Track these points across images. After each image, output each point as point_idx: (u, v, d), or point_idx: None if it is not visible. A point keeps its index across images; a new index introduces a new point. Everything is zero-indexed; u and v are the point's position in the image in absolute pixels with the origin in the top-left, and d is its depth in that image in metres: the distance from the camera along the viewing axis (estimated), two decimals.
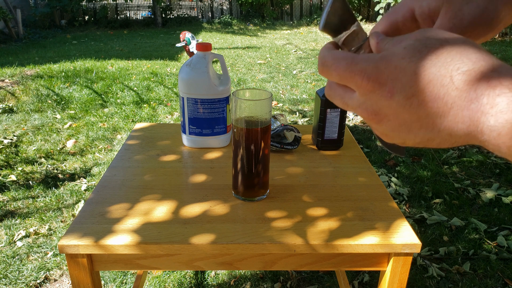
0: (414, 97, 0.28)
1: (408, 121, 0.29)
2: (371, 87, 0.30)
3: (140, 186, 0.90)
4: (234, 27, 9.94)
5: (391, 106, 0.29)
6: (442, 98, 0.27)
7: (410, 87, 0.28)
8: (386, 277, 0.78)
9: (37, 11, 8.95)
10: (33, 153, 2.69)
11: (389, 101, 0.29)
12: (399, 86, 0.29)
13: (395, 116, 0.30)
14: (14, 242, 1.81)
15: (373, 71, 0.30)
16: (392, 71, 0.29)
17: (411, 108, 0.29)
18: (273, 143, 1.07)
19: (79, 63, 5.01)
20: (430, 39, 0.29)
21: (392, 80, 0.29)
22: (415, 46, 0.29)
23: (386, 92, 0.29)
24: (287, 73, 5.02)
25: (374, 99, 0.30)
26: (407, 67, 0.28)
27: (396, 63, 0.29)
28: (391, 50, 0.30)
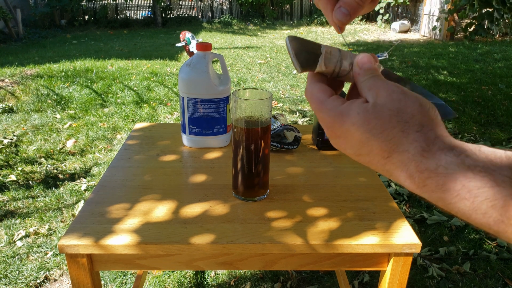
0: (361, 156, 0.34)
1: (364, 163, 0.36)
2: (329, 134, 0.36)
3: (140, 186, 0.90)
4: (234, 27, 9.94)
5: (346, 152, 0.36)
6: (383, 165, 0.33)
7: (357, 149, 0.34)
8: (386, 277, 0.78)
9: (37, 11, 8.95)
10: (33, 153, 2.69)
11: (344, 151, 0.36)
12: (349, 145, 0.35)
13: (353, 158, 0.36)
14: (14, 242, 1.80)
15: (330, 124, 0.35)
16: (344, 132, 0.34)
17: (361, 161, 0.35)
18: (273, 143, 1.07)
19: (79, 63, 5.01)
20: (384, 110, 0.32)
21: (344, 138, 0.35)
22: (367, 114, 0.33)
23: (340, 143, 0.35)
24: (287, 73, 5.02)
25: (334, 142, 0.37)
26: (355, 134, 0.33)
27: (347, 127, 0.34)
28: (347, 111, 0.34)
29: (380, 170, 0.34)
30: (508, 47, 6.88)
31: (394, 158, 0.31)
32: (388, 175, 0.33)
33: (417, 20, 9.54)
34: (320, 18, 10.38)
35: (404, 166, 0.31)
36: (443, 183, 0.28)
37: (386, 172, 0.33)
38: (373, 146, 0.32)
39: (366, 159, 0.34)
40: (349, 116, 0.33)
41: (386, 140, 0.31)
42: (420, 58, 6.02)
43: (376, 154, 0.32)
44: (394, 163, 0.31)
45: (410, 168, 0.30)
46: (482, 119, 3.39)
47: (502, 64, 5.47)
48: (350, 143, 0.34)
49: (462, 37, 7.63)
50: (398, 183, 0.34)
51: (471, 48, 6.86)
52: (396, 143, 0.31)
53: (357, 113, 0.33)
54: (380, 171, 0.34)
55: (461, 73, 4.98)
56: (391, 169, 0.32)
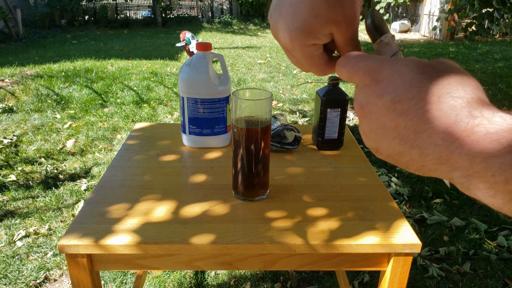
0: (399, 103, 0.29)
1: (386, 126, 0.30)
2: (368, 81, 0.32)
3: (140, 186, 0.90)
4: (234, 27, 9.94)
5: (377, 105, 0.31)
6: (424, 113, 0.28)
7: (400, 92, 0.29)
8: (386, 277, 0.77)
9: (37, 10, 8.95)
10: (33, 153, 2.69)
11: (378, 99, 0.31)
12: (391, 88, 0.30)
13: (377, 116, 0.31)
14: (14, 242, 1.80)
15: (375, 68, 0.31)
16: (392, 73, 0.30)
17: (393, 113, 0.30)
18: (273, 143, 1.07)
19: (79, 63, 5.01)
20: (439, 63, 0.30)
21: (388, 80, 0.30)
22: (421, 61, 0.30)
23: (378, 90, 0.31)
24: (287, 73, 5.02)
25: (366, 93, 0.32)
26: (406, 73, 0.29)
27: (398, 67, 0.30)
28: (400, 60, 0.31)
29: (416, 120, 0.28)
30: (508, 47, 6.88)
31: (444, 102, 0.27)
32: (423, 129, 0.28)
33: (417, 20, 9.53)
34: None
35: (453, 111, 0.27)
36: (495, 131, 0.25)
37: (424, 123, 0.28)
38: (423, 88, 0.28)
39: (405, 107, 0.29)
40: (402, 60, 0.31)
41: (439, 84, 0.28)
42: (420, 58, 6.00)
43: (423, 98, 0.28)
44: (441, 109, 0.27)
45: (460, 114, 0.26)
46: None
47: (502, 64, 5.47)
48: (394, 86, 0.30)
49: (462, 37, 7.63)
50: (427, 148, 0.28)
51: (471, 48, 6.86)
52: (451, 88, 0.28)
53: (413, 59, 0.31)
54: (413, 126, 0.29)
55: None
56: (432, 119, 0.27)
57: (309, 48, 0.37)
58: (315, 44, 0.37)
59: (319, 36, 0.36)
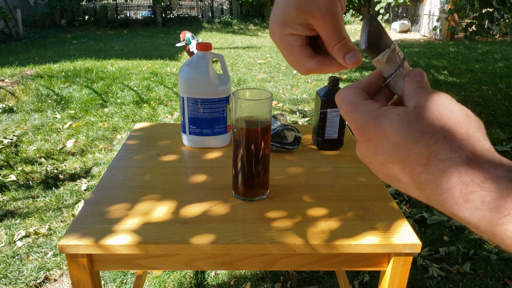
0: (393, 163, 0.30)
1: (389, 178, 0.32)
2: (359, 137, 0.33)
3: (140, 186, 0.90)
4: (234, 27, 9.94)
5: (374, 162, 0.32)
6: (418, 175, 0.29)
7: (390, 154, 0.30)
8: (386, 277, 0.77)
9: (37, 10, 8.95)
10: (33, 153, 2.69)
11: (373, 157, 0.32)
12: (381, 149, 0.31)
13: (378, 169, 0.33)
14: (14, 242, 1.80)
15: (363, 127, 0.32)
16: (378, 134, 0.31)
17: (390, 171, 0.31)
18: (273, 143, 1.07)
19: (79, 63, 5.01)
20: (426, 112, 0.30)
21: (376, 141, 0.31)
22: (407, 116, 0.30)
23: (370, 148, 0.32)
24: (287, 73, 5.02)
25: (362, 148, 0.34)
26: (392, 135, 0.30)
27: (383, 128, 0.31)
28: (384, 113, 0.31)
29: (413, 181, 0.29)
30: (508, 47, 6.88)
31: (433, 166, 0.27)
32: (422, 189, 0.29)
33: (417, 20, 9.53)
34: None
35: (444, 176, 0.27)
36: (490, 199, 0.25)
37: (420, 184, 0.29)
38: (410, 151, 0.28)
39: (399, 167, 0.30)
40: (387, 117, 0.30)
41: (426, 145, 0.28)
42: (421, 58, 6.02)
43: (412, 160, 0.28)
44: (432, 172, 0.27)
45: (451, 179, 0.26)
46: (482, 119, 3.39)
47: (502, 64, 5.47)
48: (383, 147, 0.30)
49: (462, 37, 7.63)
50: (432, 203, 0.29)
51: (471, 48, 6.86)
52: (437, 149, 0.27)
53: (397, 114, 0.30)
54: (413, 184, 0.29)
55: (461, 73, 4.98)
56: (427, 180, 0.28)
57: (287, 38, 0.38)
58: (293, 34, 0.38)
59: (294, 25, 0.37)
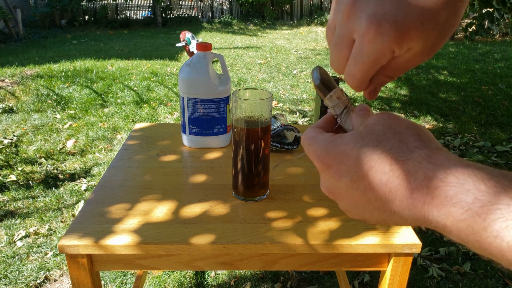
0: (359, 181, 0.30)
1: (360, 202, 0.31)
2: (320, 167, 0.33)
3: (140, 186, 0.90)
4: (234, 27, 9.94)
5: (341, 187, 0.31)
6: (385, 184, 0.28)
7: (354, 172, 0.30)
8: (386, 277, 0.77)
9: (37, 11, 8.95)
10: (33, 153, 2.69)
11: (338, 182, 0.31)
12: (344, 170, 0.30)
13: (347, 196, 0.31)
14: (14, 242, 1.80)
15: (322, 153, 0.32)
16: (338, 155, 0.31)
17: (358, 191, 0.30)
18: (273, 143, 1.07)
19: (79, 63, 5.01)
20: (376, 126, 0.30)
21: (338, 163, 0.31)
22: (361, 132, 0.31)
23: (333, 173, 0.31)
24: (287, 73, 5.02)
25: (325, 178, 0.33)
26: (351, 152, 0.30)
27: (341, 148, 0.31)
28: (339, 137, 0.32)
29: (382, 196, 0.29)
30: (508, 47, 6.88)
31: (397, 169, 0.27)
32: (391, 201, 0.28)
33: None
34: (320, 18, 10.38)
35: (410, 176, 0.27)
36: (453, 194, 0.25)
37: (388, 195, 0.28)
38: (371, 162, 0.29)
39: (366, 183, 0.29)
40: (341, 140, 0.31)
41: (384, 151, 0.28)
42: None
43: (376, 171, 0.28)
44: (399, 176, 0.27)
45: (417, 178, 0.26)
46: (482, 119, 3.39)
47: (502, 64, 5.47)
48: (345, 167, 0.30)
49: (462, 37, 7.63)
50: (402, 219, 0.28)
51: (471, 48, 6.86)
52: (396, 153, 0.28)
53: (350, 134, 0.31)
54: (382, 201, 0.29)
55: (461, 73, 4.98)
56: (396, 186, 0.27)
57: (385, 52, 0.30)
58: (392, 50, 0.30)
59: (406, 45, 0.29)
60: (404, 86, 4.42)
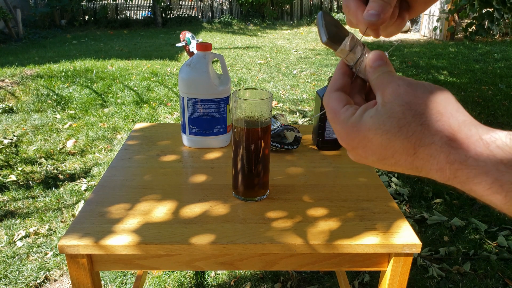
0: (386, 159, 0.33)
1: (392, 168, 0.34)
2: (345, 146, 0.35)
3: (140, 186, 0.90)
4: (234, 27, 9.93)
5: (370, 161, 0.34)
6: (411, 163, 0.31)
7: (379, 154, 0.32)
8: (386, 277, 0.77)
9: (37, 11, 8.95)
10: (33, 153, 2.69)
11: (366, 159, 0.34)
12: (370, 152, 0.33)
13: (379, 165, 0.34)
14: (14, 242, 1.80)
15: (346, 136, 0.34)
16: (361, 140, 0.33)
17: (388, 165, 0.33)
18: (273, 143, 1.07)
19: (79, 63, 5.01)
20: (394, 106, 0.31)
21: (363, 147, 0.33)
22: (379, 116, 0.32)
23: (360, 153, 0.34)
24: (287, 73, 5.02)
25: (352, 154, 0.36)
26: (373, 139, 0.32)
27: (364, 134, 0.33)
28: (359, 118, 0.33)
29: (409, 169, 0.32)
30: (508, 47, 6.88)
31: (421, 152, 0.30)
32: (418, 172, 0.32)
33: (417, 20, 9.53)
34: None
35: (433, 159, 0.29)
36: (474, 175, 0.27)
37: (416, 169, 0.31)
38: (395, 146, 0.31)
39: (392, 161, 0.32)
40: (362, 123, 0.32)
41: (407, 137, 0.30)
42: (421, 58, 6.02)
43: (401, 153, 0.31)
44: (423, 158, 0.30)
45: (440, 161, 0.29)
46: (482, 119, 3.39)
47: (502, 64, 5.47)
48: (371, 150, 0.33)
49: (462, 37, 7.63)
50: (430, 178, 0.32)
51: (471, 48, 6.86)
52: (419, 137, 0.30)
53: (370, 117, 0.32)
54: (410, 171, 0.32)
55: (461, 73, 4.98)
56: (421, 165, 0.31)
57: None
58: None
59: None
60: None
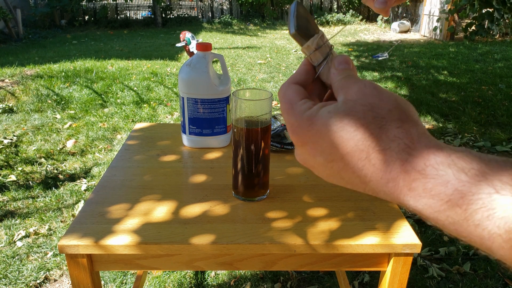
0: (334, 162, 0.29)
1: (334, 177, 0.31)
2: (295, 141, 0.32)
3: (140, 186, 0.90)
4: (234, 27, 9.94)
5: (316, 163, 0.31)
6: (361, 169, 0.28)
7: (329, 154, 0.29)
8: (386, 277, 0.77)
9: (37, 11, 8.95)
10: (33, 153, 2.69)
11: (313, 159, 0.31)
12: (319, 150, 0.30)
13: (322, 170, 0.31)
14: (14, 242, 1.80)
15: (298, 130, 0.31)
16: (314, 134, 0.30)
17: (333, 170, 0.30)
18: (273, 143, 1.07)
19: (79, 63, 5.01)
20: (356, 105, 0.29)
21: (313, 142, 0.30)
22: (338, 112, 0.29)
23: (308, 150, 0.31)
24: (288, 73, 5.02)
25: (300, 151, 0.33)
26: (326, 135, 0.29)
27: (317, 128, 0.30)
28: (316, 113, 0.30)
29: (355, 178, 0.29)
30: (509, 47, 6.88)
31: (374, 158, 0.27)
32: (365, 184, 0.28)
33: (417, 20, 9.53)
34: (320, 18, 10.37)
35: (387, 167, 0.26)
36: (432, 186, 0.24)
37: (363, 179, 0.28)
38: (347, 147, 0.28)
39: (340, 165, 0.29)
40: (318, 117, 0.30)
41: (362, 139, 0.27)
42: (420, 58, 6.02)
43: (352, 156, 0.28)
44: (374, 164, 0.27)
45: (394, 169, 0.26)
46: (482, 119, 3.39)
47: (502, 64, 5.47)
48: (320, 148, 0.30)
49: (462, 37, 7.63)
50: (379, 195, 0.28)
51: (471, 48, 6.86)
52: (374, 141, 0.27)
53: (328, 112, 0.29)
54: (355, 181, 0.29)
55: (461, 73, 4.98)
56: (371, 173, 0.27)
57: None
58: None
59: None
60: (404, 86, 4.42)
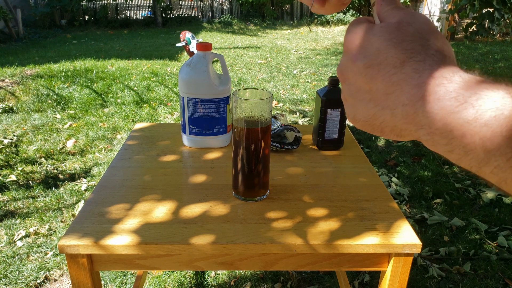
0: (370, 68, 0.32)
1: (362, 89, 0.33)
2: (345, 48, 0.35)
3: (140, 186, 0.90)
4: (234, 27, 9.94)
5: (353, 70, 0.34)
6: (391, 76, 0.31)
7: (370, 59, 0.32)
8: (386, 277, 0.77)
9: (37, 10, 8.95)
10: (33, 153, 2.69)
11: (352, 65, 0.34)
12: (362, 54, 0.33)
13: (354, 80, 0.34)
14: (14, 242, 1.80)
15: (351, 37, 0.34)
16: (364, 41, 0.33)
17: (366, 77, 0.32)
18: (274, 143, 1.07)
19: (79, 63, 5.01)
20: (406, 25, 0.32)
21: (360, 48, 0.33)
22: (389, 26, 0.32)
23: (352, 56, 0.34)
24: (288, 73, 5.02)
25: (344, 60, 0.35)
26: (374, 41, 0.32)
27: (368, 36, 0.33)
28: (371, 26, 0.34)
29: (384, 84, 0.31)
30: (509, 47, 6.88)
31: (408, 66, 0.30)
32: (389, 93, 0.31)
33: None
34: (320, 18, 10.38)
35: (416, 73, 0.29)
36: (453, 89, 0.27)
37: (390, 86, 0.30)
38: (388, 54, 0.31)
39: (374, 71, 0.31)
40: (372, 29, 0.33)
41: (404, 50, 0.30)
42: None
43: (389, 63, 0.31)
44: (405, 72, 0.30)
45: (422, 76, 0.29)
46: None
47: (502, 64, 5.47)
48: (365, 52, 0.33)
49: (462, 37, 7.63)
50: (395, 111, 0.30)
51: (472, 48, 6.86)
52: (414, 53, 0.30)
53: (380, 26, 0.33)
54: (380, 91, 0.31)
55: None
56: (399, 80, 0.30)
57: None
58: None
59: None
60: None
